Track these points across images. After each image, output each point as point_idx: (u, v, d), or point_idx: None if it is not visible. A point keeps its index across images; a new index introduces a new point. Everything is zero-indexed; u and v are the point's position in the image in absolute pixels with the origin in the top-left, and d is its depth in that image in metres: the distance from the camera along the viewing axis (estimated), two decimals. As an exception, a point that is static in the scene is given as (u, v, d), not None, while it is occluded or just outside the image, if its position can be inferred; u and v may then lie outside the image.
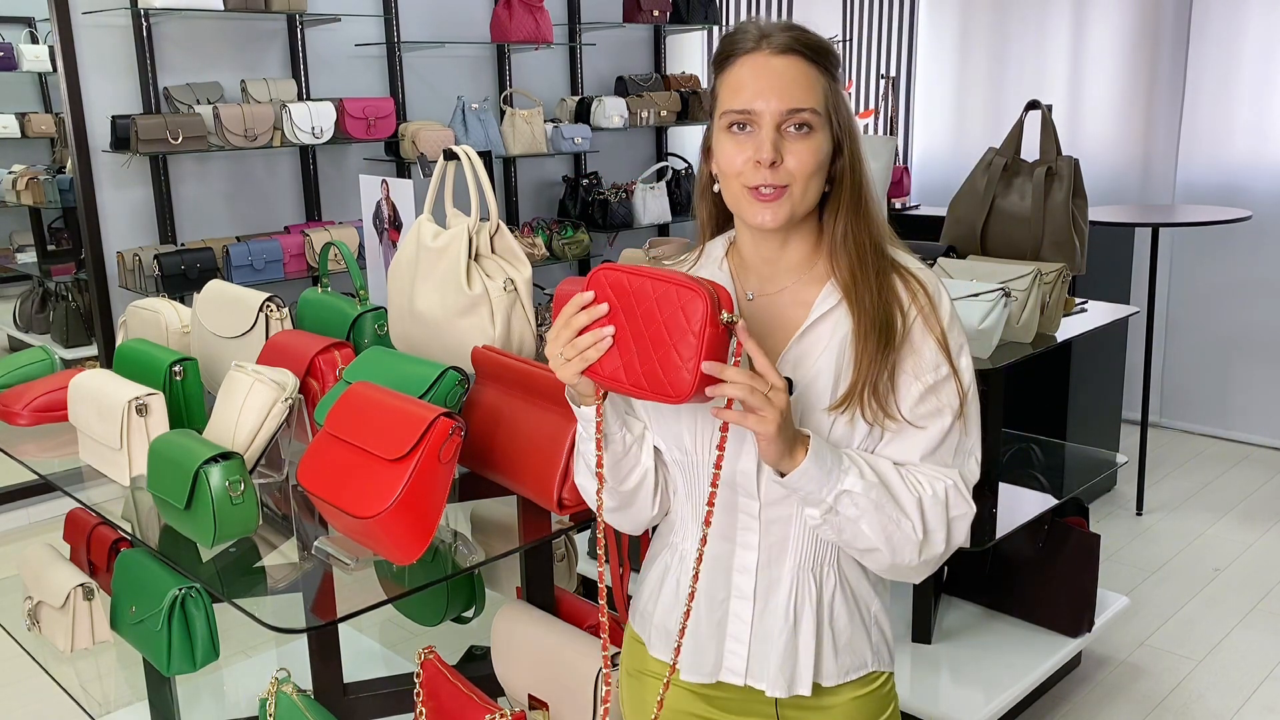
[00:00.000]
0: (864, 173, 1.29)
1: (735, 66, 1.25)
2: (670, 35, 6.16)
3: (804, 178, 1.23)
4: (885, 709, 1.41)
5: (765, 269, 1.32)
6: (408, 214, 2.40)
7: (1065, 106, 5.18)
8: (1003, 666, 2.81)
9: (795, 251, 1.31)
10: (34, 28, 4.26)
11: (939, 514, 1.26)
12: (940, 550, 1.27)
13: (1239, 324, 4.95)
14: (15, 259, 4.57)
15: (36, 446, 2.11)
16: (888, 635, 1.40)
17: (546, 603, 1.93)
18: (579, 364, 1.19)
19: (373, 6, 4.89)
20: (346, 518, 1.46)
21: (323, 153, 4.85)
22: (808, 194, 1.25)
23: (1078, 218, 2.83)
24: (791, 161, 1.22)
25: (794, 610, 1.32)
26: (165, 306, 2.23)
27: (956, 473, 1.28)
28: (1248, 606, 3.48)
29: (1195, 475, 4.62)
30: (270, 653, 2.85)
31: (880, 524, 1.23)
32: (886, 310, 1.26)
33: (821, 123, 1.23)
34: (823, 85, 1.24)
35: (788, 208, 1.24)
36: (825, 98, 1.24)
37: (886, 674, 1.41)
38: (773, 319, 1.31)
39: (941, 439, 1.27)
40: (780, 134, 1.22)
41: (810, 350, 1.28)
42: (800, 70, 1.23)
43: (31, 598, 2.20)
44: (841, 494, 1.21)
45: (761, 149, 1.22)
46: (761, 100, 1.22)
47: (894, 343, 1.25)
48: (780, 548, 1.32)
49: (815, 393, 1.27)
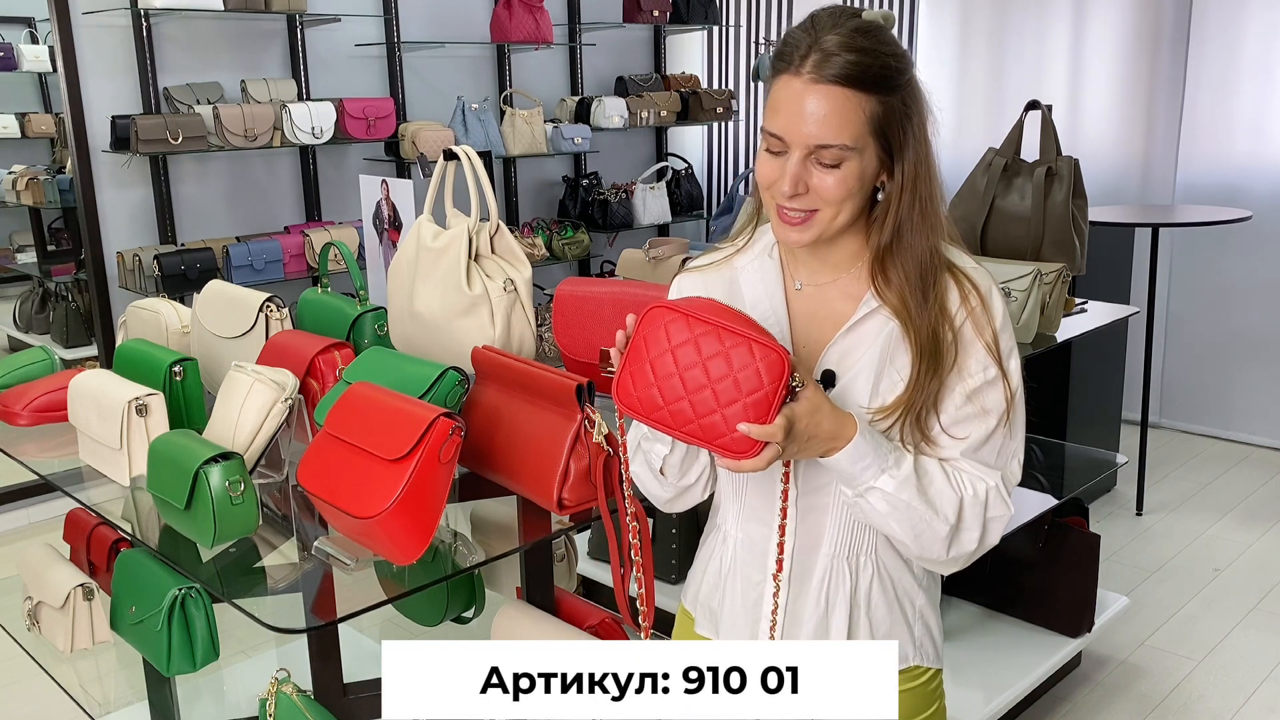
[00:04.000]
0: (928, 187, 1.23)
1: (777, 84, 1.20)
2: (670, 35, 6.16)
3: (833, 204, 1.21)
4: (928, 706, 1.41)
5: (814, 261, 1.32)
6: (408, 214, 2.40)
7: (1065, 106, 5.17)
8: (1003, 666, 2.81)
9: (844, 249, 1.30)
10: (34, 28, 4.25)
11: (977, 513, 1.26)
12: (972, 549, 1.28)
13: (1239, 324, 4.95)
14: (15, 259, 4.57)
15: (36, 446, 2.11)
16: (933, 631, 1.40)
17: (546, 603, 1.93)
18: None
19: (373, 6, 4.89)
20: (346, 518, 1.46)
21: (323, 153, 4.85)
22: (839, 218, 1.23)
23: (1078, 218, 2.83)
24: (818, 189, 1.20)
25: (826, 596, 1.33)
26: (165, 307, 2.23)
27: (999, 474, 1.28)
28: (1248, 606, 3.48)
29: (1195, 475, 4.61)
30: (270, 653, 2.85)
31: (910, 521, 1.23)
32: (936, 333, 1.24)
33: (856, 154, 1.19)
34: (867, 113, 1.18)
35: (816, 230, 1.23)
36: (868, 126, 1.18)
37: (932, 670, 1.41)
38: (820, 310, 1.31)
39: (985, 440, 1.27)
40: (807, 164, 1.20)
41: (855, 345, 1.28)
42: (839, 102, 1.17)
43: (31, 598, 2.20)
44: (870, 489, 1.22)
45: (784, 179, 1.20)
46: (788, 133, 1.19)
47: (942, 369, 1.24)
48: (816, 535, 1.33)
49: (855, 391, 1.27)
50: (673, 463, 1.32)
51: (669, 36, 6.15)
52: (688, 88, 5.89)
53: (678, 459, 1.32)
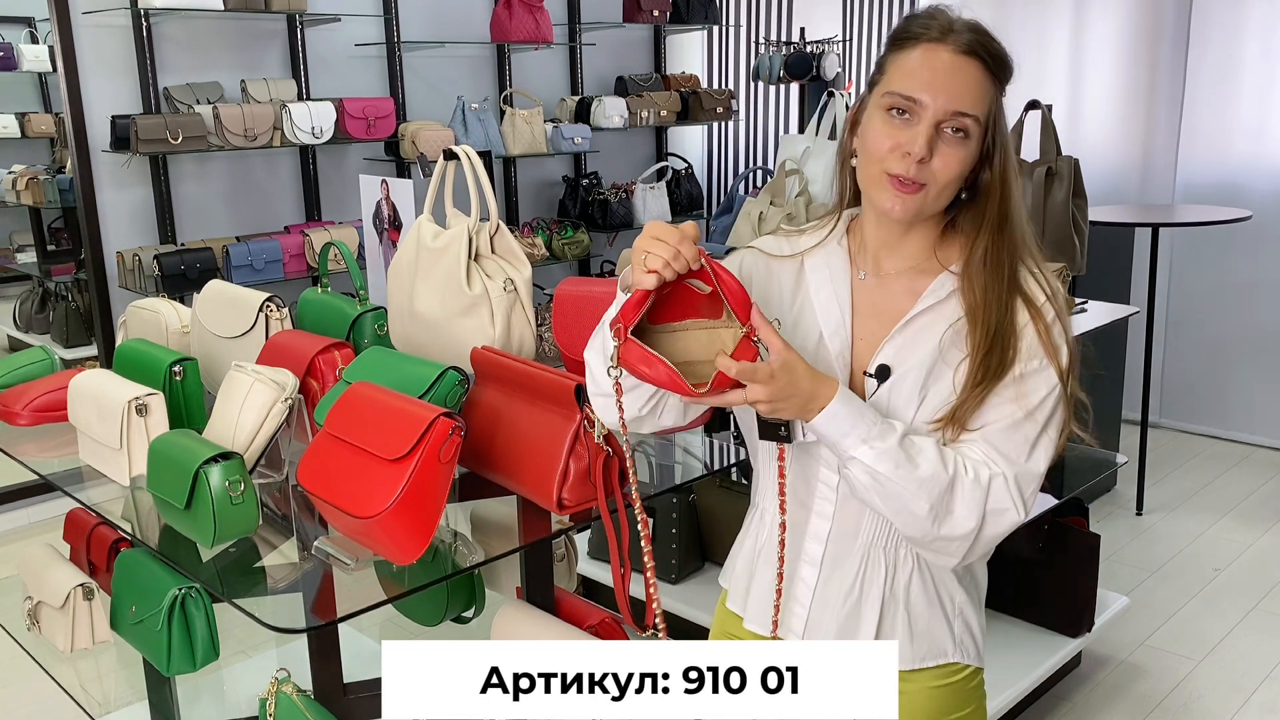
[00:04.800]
0: (1014, 191, 1.27)
1: (913, 50, 1.23)
2: (670, 35, 6.16)
3: (945, 182, 1.23)
4: (967, 704, 1.40)
5: (882, 252, 1.32)
6: (408, 214, 2.40)
7: (1065, 106, 5.18)
8: (1003, 666, 2.81)
9: (915, 243, 1.31)
10: (34, 28, 4.26)
11: (976, 499, 1.23)
12: (967, 536, 1.24)
13: (1239, 324, 4.95)
14: (15, 259, 4.57)
15: (36, 446, 2.11)
16: (974, 630, 1.39)
17: (546, 603, 1.92)
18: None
19: (373, 6, 4.89)
20: (346, 518, 1.46)
21: (323, 153, 4.85)
22: (941, 197, 1.25)
23: (1078, 218, 2.83)
24: (938, 163, 1.22)
25: (861, 585, 1.33)
26: (165, 306, 2.23)
27: (1016, 469, 1.25)
28: (1248, 606, 3.48)
29: (1195, 475, 4.61)
30: (270, 653, 2.84)
31: (889, 496, 1.22)
32: (1004, 337, 1.24)
33: (979, 132, 1.23)
34: (991, 95, 1.24)
35: (918, 204, 1.24)
36: (990, 108, 1.23)
37: (972, 669, 1.40)
38: (881, 302, 1.32)
39: (1009, 428, 1.25)
40: (937, 132, 1.21)
41: (911, 340, 1.28)
42: (976, 75, 1.22)
43: (31, 598, 2.20)
44: (850, 459, 1.22)
45: (915, 141, 1.21)
46: (929, 94, 1.21)
47: (999, 377, 1.24)
48: (855, 522, 1.33)
49: (906, 387, 1.27)
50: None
51: (669, 36, 6.15)
52: (688, 87, 5.89)
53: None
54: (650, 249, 1.16)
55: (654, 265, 1.16)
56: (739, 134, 6.35)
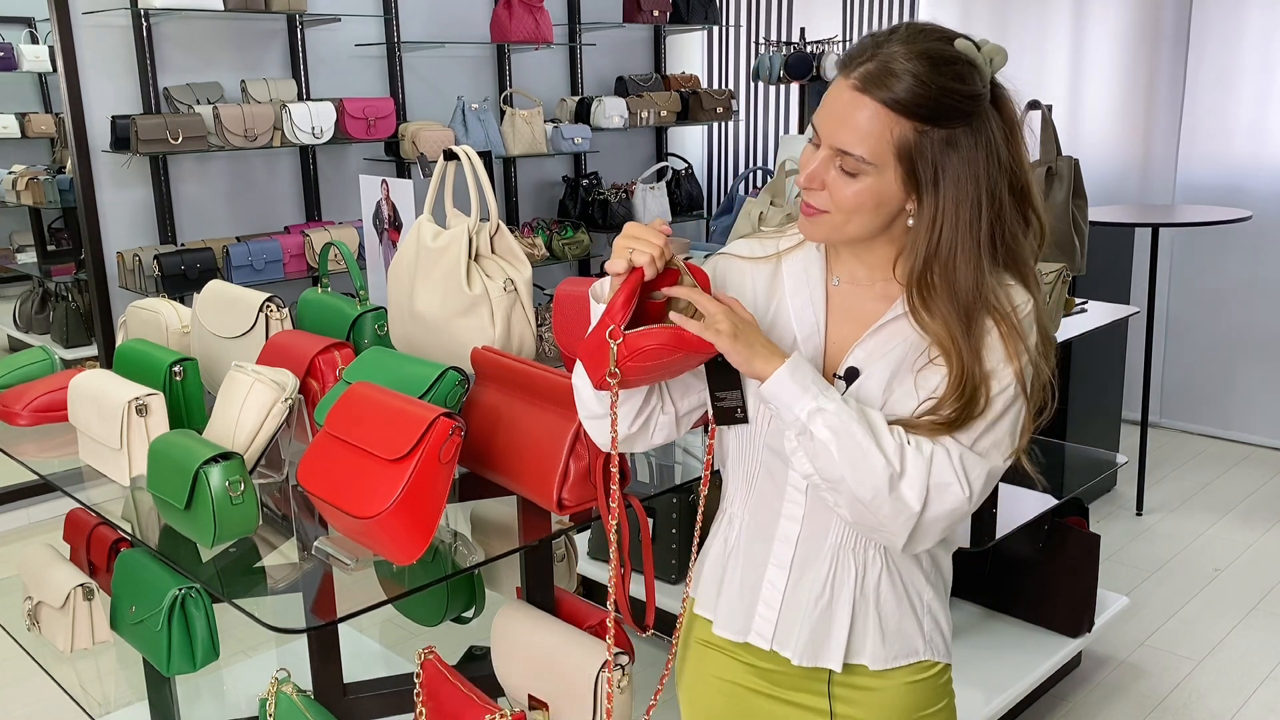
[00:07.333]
0: (977, 229, 1.19)
1: (834, 80, 1.23)
2: (670, 35, 6.16)
3: (843, 212, 1.22)
4: (939, 700, 1.41)
5: (852, 260, 1.33)
6: (408, 214, 2.40)
7: (1065, 106, 5.17)
8: (1003, 666, 2.81)
9: (877, 254, 1.30)
10: (34, 28, 4.26)
11: (920, 469, 1.20)
12: (914, 509, 1.20)
13: (1239, 324, 4.95)
14: (15, 259, 4.57)
15: (36, 446, 2.11)
16: (943, 627, 1.40)
17: (546, 603, 1.92)
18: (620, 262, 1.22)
19: (373, 6, 4.89)
20: (346, 518, 1.46)
21: (323, 153, 4.85)
22: (848, 227, 1.24)
23: (1078, 218, 2.83)
24: (832, 192, 1.22)
25: (831, 588, 1.33)
26: (165, 307, 2.23)
27: (959, 449, 1.22)
28: (1248, 606, 3.48)
29: (1195, 475, 4.61)
30: (270, 653, 2.85)
31: (849, 450, 1.20)
32: (974, 372, 1.21)
33: (874, 170, 1.18)
34: (895, 135, 1.17)
35: (824, 229, 1.25)
36: (893, 148, 1.17)
37: (942, 665, 1.41)
38: (854, 307, 1.32)
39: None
40: (830, 164, 1.21)
41: (881, 344, 1.28)
42: (869, 115, 1.17)
43: (31, 598, 2.20)
44: (816, 412, 1.20)
45: (802, 171, 1.24)
46: (823, 128, 1.22)
47: (970, 418, 1.22)
48: (823, 524, 1.33)
49: (870, 386, 1.27)
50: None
51: (669, 36, 6.15)
52: (688, 88, 5.89)
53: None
54: (635, 246, 1.21)
55: (640, 261, 1.21)
56: (739, 134, 6.35)
